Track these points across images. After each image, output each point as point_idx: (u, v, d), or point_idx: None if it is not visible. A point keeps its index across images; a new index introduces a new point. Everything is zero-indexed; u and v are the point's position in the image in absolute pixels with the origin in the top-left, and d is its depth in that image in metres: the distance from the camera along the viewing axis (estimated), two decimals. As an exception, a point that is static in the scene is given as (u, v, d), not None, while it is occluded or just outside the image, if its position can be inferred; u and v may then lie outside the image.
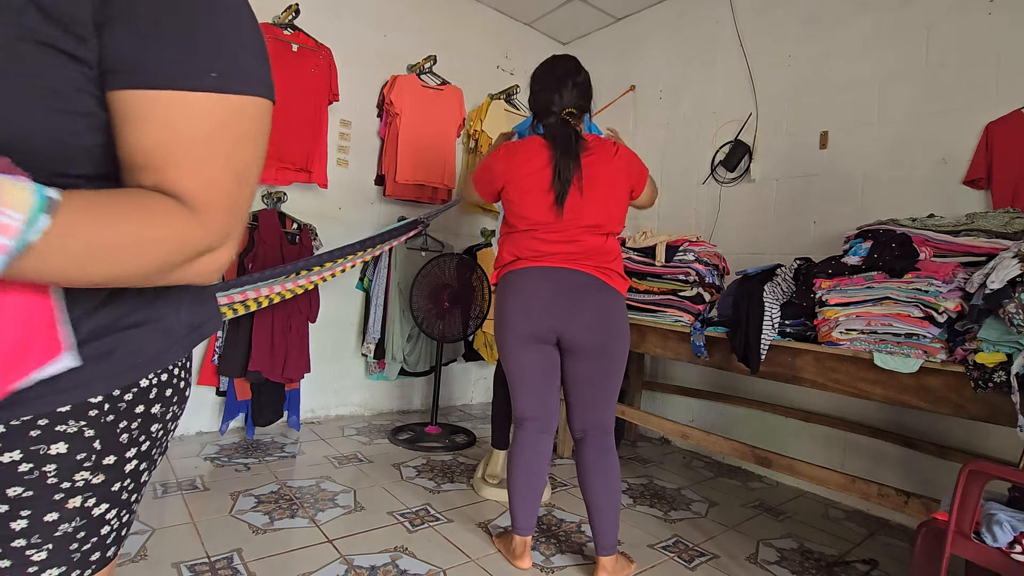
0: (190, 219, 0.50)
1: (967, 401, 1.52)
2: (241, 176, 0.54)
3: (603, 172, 1.64)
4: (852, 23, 2.55)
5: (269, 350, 2.58)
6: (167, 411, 0.62)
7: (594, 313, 1.62)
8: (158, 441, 0.62)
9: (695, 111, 3.20)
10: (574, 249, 1.63)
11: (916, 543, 1.24)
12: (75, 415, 0.52)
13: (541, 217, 1.64)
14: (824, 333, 1.82)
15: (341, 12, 3.03)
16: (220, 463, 2.37)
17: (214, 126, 0.51)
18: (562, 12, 3.66)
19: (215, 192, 0.51)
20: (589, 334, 1.62)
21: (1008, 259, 1.46)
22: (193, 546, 1.69)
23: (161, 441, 0.63)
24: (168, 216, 0.49)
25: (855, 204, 2.48)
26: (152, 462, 0.63)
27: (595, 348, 1.63)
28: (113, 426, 0.55)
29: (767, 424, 2.77)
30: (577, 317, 1.61)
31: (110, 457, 0.56)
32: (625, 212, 1.71)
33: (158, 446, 0.63)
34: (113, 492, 0.57)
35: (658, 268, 2.43)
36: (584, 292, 1.62)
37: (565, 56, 1.76)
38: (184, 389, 0.65)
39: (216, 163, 0.51)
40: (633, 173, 1.71)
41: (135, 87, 0.48)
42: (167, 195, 0.49)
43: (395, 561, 1.70)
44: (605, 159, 1.65)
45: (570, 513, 2.15)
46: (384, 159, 3.17)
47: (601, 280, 1.63)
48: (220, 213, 0.52)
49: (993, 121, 2.10)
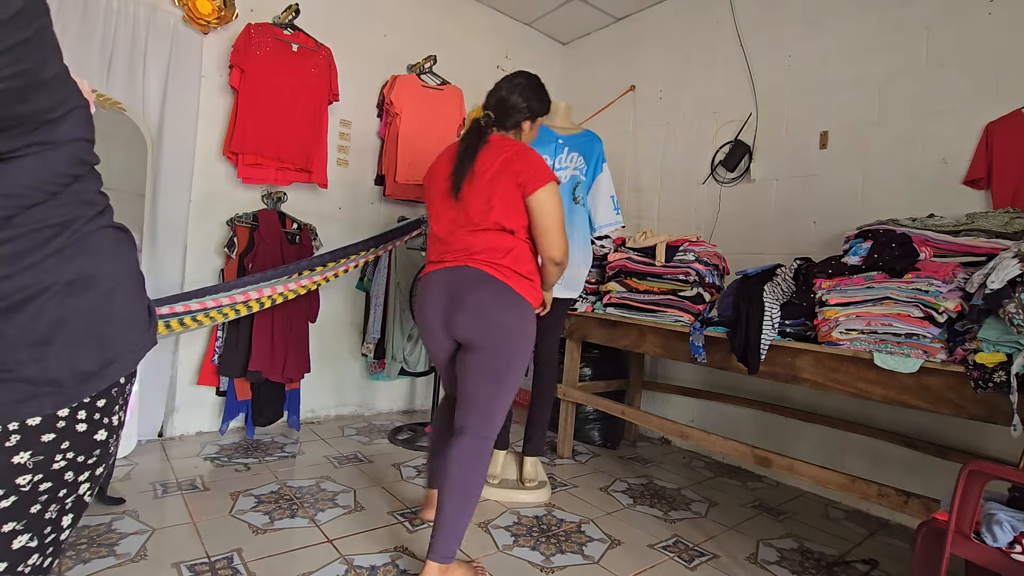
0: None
1: (967, 401, 1.52)
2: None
3: (490, 168, 1.58)
4: (852, 23, 2.55)
5: (269, 350, 2.58)
6: (52, 460, 0.54)
7: (476, 307, 1.54)
8: (38, 497, 0.54)
9: (695, 111, 3.20)
10: (469, 246, 1.59)
11: (916, 543, 1.24)
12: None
13: (444, 217, 1.65)
14: (824, 333, 1.82)
15: (341, 12, 3.03)
16: (220, 463, 2.37)
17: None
18: (562, 12, 3.66)
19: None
20: (469, 327, 1.56)
21: (1008, 259, 1.46)
22: (193, 546, 1.69)
23: (48, 497, 0.54)
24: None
25: (855, 204, 2.48)
26: (34, 525, 0.54)
27: (477, 343, 1.55)
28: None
29: (767, 424, 2.77)
30: (460, 309, 1.56)
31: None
32: (523, 209, 1.61)
33: (41, 503, 0.54)
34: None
35: (658, 268, 2.43)
36: (470, 286, 1.56)
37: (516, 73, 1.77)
38: (92, 432, 0.57)
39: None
40: (520, 170, 1.57)
41: None
42: None
43: (395, 561, 1.70)
44: (497, 156, 1.59)
45: (570, 513, 2.15)
46: (384, 159, 3.17)
47: (489, 274, 1.55)
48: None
49: (993, 121, 2.10)
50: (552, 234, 1.59)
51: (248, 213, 2.68)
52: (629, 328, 2.51)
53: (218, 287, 2.13)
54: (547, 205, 1.57)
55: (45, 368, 0.54)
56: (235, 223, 2.64)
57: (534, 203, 1.57)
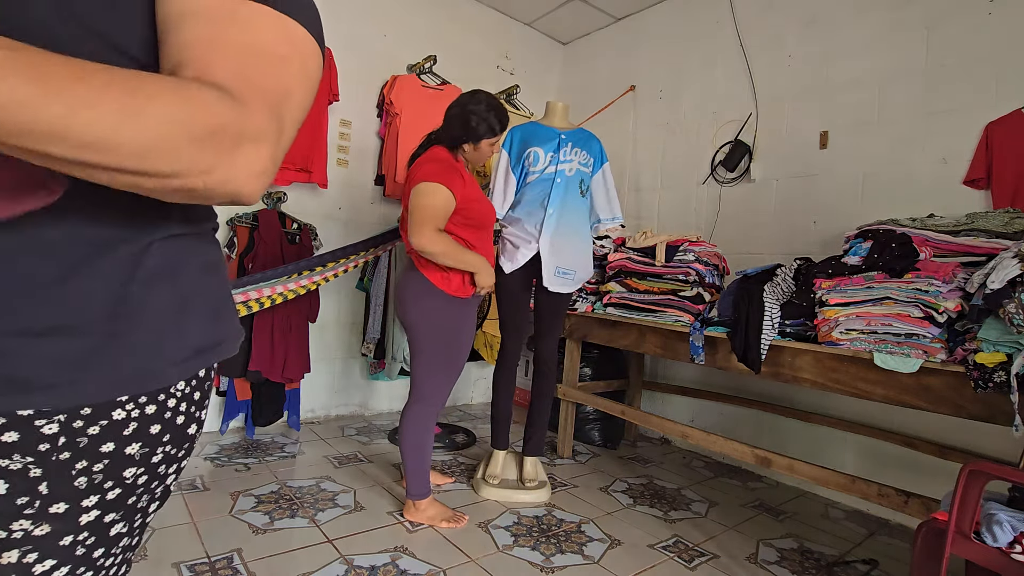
0: (226, 98, 0.41)
1: (967, 401, 1.52)
2: (287, 97, 0.46)
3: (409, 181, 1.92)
4: (852, 23, 2.55)
5: (269, 350, 2.58)
6: (153, 453, 0.50)
7: (400, 290, 1.96)
8: (137, 489, 0.50)
9: (695, 111, 3.20)
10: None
11: (916, 543, 1.24)
12: (21, 448, 0.42)
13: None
14: (824, 333, 1.82)
15: (341, 12, 3.03)
16: (220, 463, 2.37)
17: (270, 42, 0.45)
18: (562, 12, 3.66)
19: (258, 93, 0.44)
20: (399, 312, 1.98)
21: (1008, 259, 1.46)
22: (193, 546, 1.69)
23: (144, 489, 0.51)
24: (193, 88, 0.40)
25: (855, 204, 2.48)
26: (130, 514, 0.51)
27: (404, 325, 1.96)
28: (66, 466, 0.44)
29: (767, 424, 2.77)
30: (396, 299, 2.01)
31: (59, 505, 0.45)
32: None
33: (138, 494, 0.51)
34: (63, 548, 0.46)
35: (658, 268, 2.43)
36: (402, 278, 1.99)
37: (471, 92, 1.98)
38: (186, 427, 0.53)
39: (266, 75, 0.45)
40: (410, 179, 1.89)
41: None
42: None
43: (395, 561, 1.70)
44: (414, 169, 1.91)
45: (570, 513, 2.15)
46: (384, 159, 3.17)
47: (412, 262, 1.93)
48: (260, 110, 0.43)
49: (993, 121, 2.10)
50: (410, 224, 1.81)
51: (248, 213, 2.68)
52: (629, 328, 2.51)
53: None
54: (412, 199, 1.82)
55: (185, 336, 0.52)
56: (235, 223, 2.64)
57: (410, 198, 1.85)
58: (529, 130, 2.29)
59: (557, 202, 2.20)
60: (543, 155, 2.23)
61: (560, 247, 2.20)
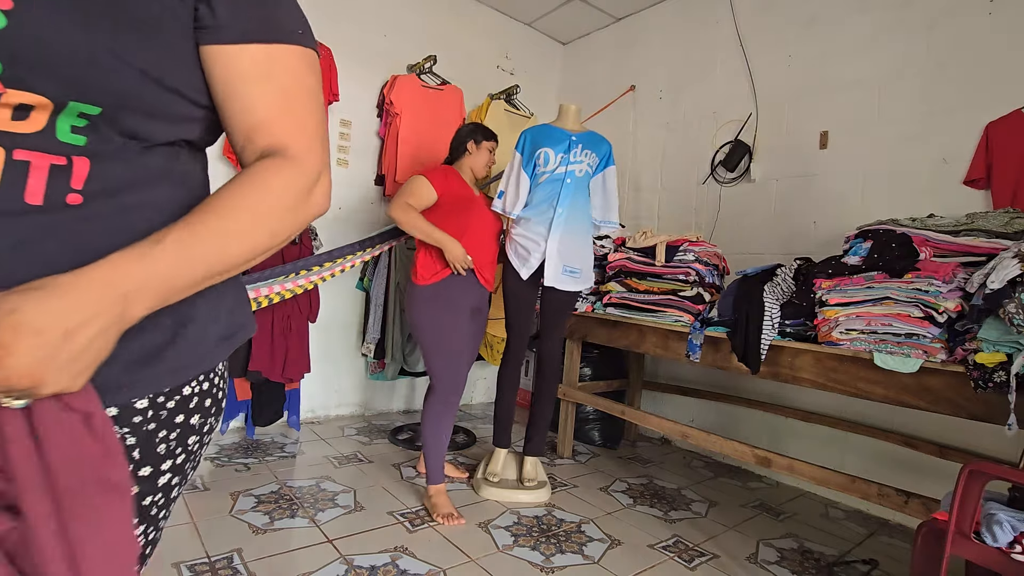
0: (293, 167, 0.56)
1: (967, 401, 1.52)
2: (320, 119, 0.60)
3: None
4: (852, 23, 2.55)
5: (269, 350, 2.58)
6: (205, 423, 0.60)
7: (405, 302, 2.45)
8: (193, 454, 0.60)
9: (695, 111, 3.20)
10: None
11: (916, 543, 1.24)
12: (120, 420, 0.51)
13: None
14: (824, 333, 1.82)
15: (341, 12, 3.03)
16: (220, 463, 2.37)
17: (302, 75, 0.58)
18: (562, 12, 3.66)
19: (309, 135, 0.58)
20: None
21: (1008, 259, 1.46)
22: (193, 546, 1.69)
23: (196, 455, 0.61)
24: (270, 177, 0.54)
25: (855, 204, 2.48)
26: (184, 477, 0.60)
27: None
28: (153, 435, 0.54)
29: (767, 424, 2.77)
30: None
31: (146, 468, 0.54)
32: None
33: (192, 460, 0.61)
34: (143, 507, 0.55)
35: (658, 268, 2.43)
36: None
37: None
38: (221, 400, 0.63)
39: (308, 110, 0.58)
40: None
41: (238, 41, 0.53)
42: (268, 156, 0.55)
43: (395, 561, 1.70)
44: None
45: (570, 513, 2.15)
46: (384, 159, 3.17)
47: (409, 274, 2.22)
48: (315, 151, 0.58)
49: (993, 121, 2.10)
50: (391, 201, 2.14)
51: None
52: (629, 328, 2.51)
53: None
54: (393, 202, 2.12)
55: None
56: (235, 223, 2.63)
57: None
58: (541, 131, 2.31)
59: (567, 202, 2.22)
60: (553, 156, 2.25)
61: (568, 246, 2.23)
